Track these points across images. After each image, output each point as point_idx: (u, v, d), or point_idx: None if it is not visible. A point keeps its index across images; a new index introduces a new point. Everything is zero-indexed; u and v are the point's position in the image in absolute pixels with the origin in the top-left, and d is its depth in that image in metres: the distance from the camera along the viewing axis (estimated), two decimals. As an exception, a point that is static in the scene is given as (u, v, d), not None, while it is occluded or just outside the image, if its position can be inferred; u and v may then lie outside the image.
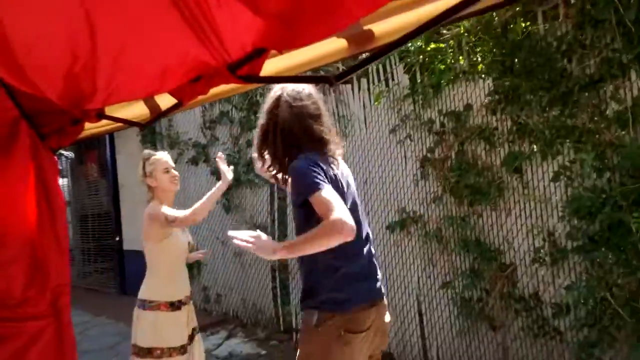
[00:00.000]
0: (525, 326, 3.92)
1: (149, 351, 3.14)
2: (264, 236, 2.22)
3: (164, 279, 3.28)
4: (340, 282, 2.27)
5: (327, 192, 2.09)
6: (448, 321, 4.41)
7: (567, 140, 3.62)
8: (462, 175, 4.13)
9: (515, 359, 4.00)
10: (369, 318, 2.29)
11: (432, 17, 0.98)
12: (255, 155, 2.51)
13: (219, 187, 3.20)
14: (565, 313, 3.68)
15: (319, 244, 2.06)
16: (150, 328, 3.18)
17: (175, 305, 3.24)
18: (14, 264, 2.19)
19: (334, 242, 2.02)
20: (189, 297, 3.38)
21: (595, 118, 3.46)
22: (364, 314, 2.28)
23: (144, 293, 3.27)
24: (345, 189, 2.33)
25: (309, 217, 2.15)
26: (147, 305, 3.22)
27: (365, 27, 1.28)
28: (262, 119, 2.44)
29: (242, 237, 2.20)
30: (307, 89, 2.40)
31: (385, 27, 1.28)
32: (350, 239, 2.01)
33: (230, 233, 2.23)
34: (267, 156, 2.43)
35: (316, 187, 2.10)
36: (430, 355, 4.53)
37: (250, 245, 2.18)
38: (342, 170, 2.40)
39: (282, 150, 2.36)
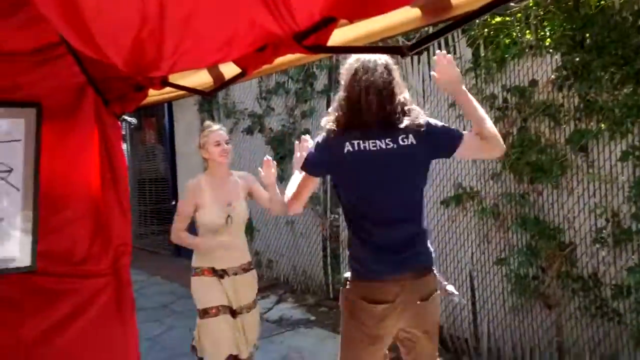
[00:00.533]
0: (582, 306, 3.83)
1: (206, 311, 3.34)
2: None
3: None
4: (362, 253, 2.39)
5: (300, 174, 2.56)
6: (501, 297, 4.34)
7: (638, 120, 3.46)
8: (523, 152, 4.00)
9: (570, 339, 3.92)
10: (389, 292, 2.33)
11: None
12: None
13: (203, 241, 3.40)
14: (625, 295, 3.57)
15: None
16: (201, 291, 3.40)
17: (217, 273, 3.40)
18: (77, 223, 2.26)
19: None
20: (242, 269, 3.49)
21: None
22: (383, 286, 2.34)
23: (192, 260, 3.49)
24: (365, 166, 2.34)
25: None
26: (194, 271, 3.45)
27: (442, -4, 1.23)
28: (340, 91, 2.47)
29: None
30: (383, 60, 2.38)
31: (463, -4, 1.22)
32: (289, 213, 2.67)
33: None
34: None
35: (303, 165, 2.51)
36: (480, 329, 4.49)
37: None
38: (380, 144, 2.34)
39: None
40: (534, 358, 4.16)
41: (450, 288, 2.56)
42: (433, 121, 2.44)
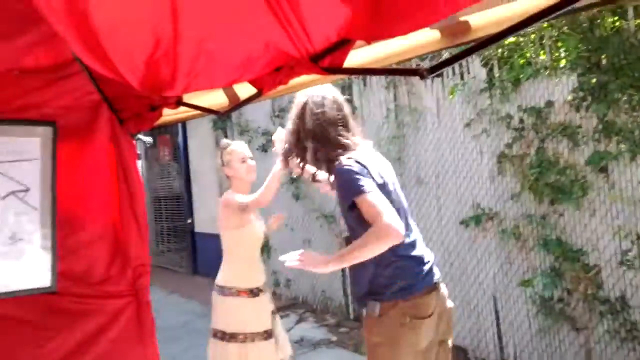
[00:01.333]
0: (611, 329, 3.72)
1: (232, 336, 3.20)
2: (311, 253, 2.31)
3: (242, 266, 3.32)
4: (400, 270, 2.28)
5: (374, 195, 2.12)
6: (526, 320, 4.25)
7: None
8: (542, 172, 3.93)
9: (599, 362, 3.82)
10: (431, 303, 2.29)
11: (540, 10, 0.89)
12: (280, 157, 2.64)
13: (275, 169, 3.13)
14: (655, 319, 3.46)
15: (370, 251, 2.10)
16: (232, 314, 3.25)
17: (254, 292, 3.29)
18: (95, 243, 2.25)
19: (384, 247, 2.08)
20: (266, 285, 3.41)
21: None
22: (426, 300, 2.28)
23: (222, 280, 3.31)
24: (389, 186, 2.33)
25: (361, 220, 2.17)
26: (226, 291, 3.27)
27: (462, 19, 1.20)
28: (290, 124, 2.48)
29: (291, 257, 2.28)
30: (331, 94, 2.43)
31: (482, 19, 1.19)
32: (399, 241, 2.08)
33: (281, 258, 2.32)
34: (294, 159, 2.52)
35: (363, 190, 2.14)
36: (506, 352, 4.40)
37: (301, 263, 2.25)
38: (381, 165, 2.39)
39: (313, 154, 2.40)
40: (560, 382, 4.06)
41: None
42: (343, 169, 2.27)
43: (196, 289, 8.00)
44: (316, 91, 2.41)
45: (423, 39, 1.31)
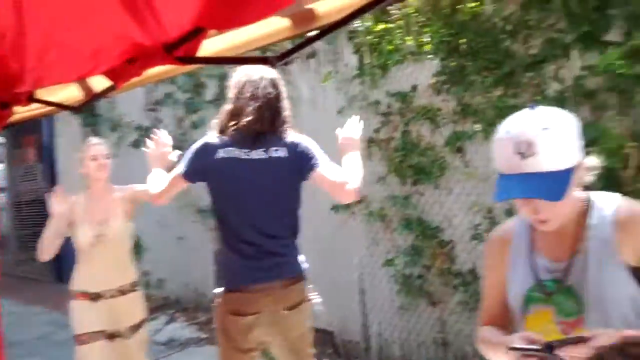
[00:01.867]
0: (463, 301, 3.99)
1: (79, 338, 3.18)
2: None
3: (77, 269, 3.32)
4: (226, 263, 2.43)
5: (173, 172, 2.53)
6: (389, 298, 4.46)
7: (509, 120, 3.67)
8: (406, 155, 4.15)
9: (451, 333, 4.09)
10: (255, 303, 2.34)
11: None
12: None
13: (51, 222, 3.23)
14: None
15: None
16: (74, 317, 3.25)
17: (90, 296, 3.23)
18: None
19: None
20: (120, 292, 3.30)
21: (537, 98, 3.50)
22: (248, 298, 2.35)
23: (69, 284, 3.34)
24: (235, 174, 2.40)
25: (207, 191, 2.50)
26: (71, 294, 3.30)
27: (307, 7, 1.25)
28: None
29: None
30: (269, 73, 2.48)
31: (328, 6, 1.25)
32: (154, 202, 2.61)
33: None
34: None
35: (178, 167, 2.51)
36: (370, 331, 4.59)
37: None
38: (253, 153, 2.41)
39: None
40: (420, 354, 4.30)
41: (315, 300, 2.55)
42: (309, 142, 2.56)
43: (60, 298, 7.57)
44: (255, 70, 2.44)
45: (275, 27, 1.36)
